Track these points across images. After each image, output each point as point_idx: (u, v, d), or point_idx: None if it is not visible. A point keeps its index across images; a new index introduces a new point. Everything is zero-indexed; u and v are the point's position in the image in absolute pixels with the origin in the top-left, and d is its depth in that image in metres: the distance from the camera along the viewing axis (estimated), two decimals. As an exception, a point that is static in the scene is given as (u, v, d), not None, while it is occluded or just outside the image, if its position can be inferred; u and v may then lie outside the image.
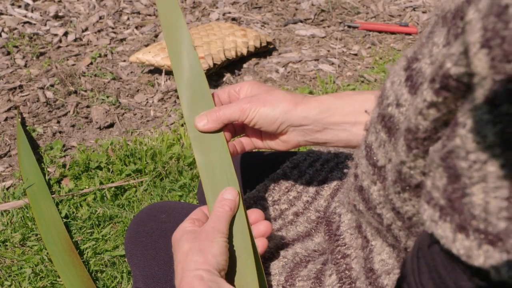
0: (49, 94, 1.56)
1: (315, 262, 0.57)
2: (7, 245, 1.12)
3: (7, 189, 1.27)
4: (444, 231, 0.28)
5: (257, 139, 0.62)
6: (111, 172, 1.31)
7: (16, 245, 1.12)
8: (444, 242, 0.28)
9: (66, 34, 1.86)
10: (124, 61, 1.77)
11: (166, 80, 1.68)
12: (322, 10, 2.15)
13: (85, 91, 1.60)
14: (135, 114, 1.56)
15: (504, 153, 0.25)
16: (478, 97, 0.26)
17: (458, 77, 0.28)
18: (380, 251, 0.48)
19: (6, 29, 1.83)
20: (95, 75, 1.68)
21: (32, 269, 1.07)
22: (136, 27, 1.96)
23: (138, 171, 1.31)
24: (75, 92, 1.59)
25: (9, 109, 1.50)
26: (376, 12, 2.17)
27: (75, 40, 1.84)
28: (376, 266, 0.47)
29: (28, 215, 1.18)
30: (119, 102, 1.58)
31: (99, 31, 1.90)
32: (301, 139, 0.57)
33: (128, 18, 2.00)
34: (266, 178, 0.72)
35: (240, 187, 0.55)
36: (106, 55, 1.78)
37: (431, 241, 0.31)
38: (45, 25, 1.89)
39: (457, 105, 0.29)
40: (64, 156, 1.37)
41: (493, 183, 0.26)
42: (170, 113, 1.56)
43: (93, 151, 1.38)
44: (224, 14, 2.07)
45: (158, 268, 0.64)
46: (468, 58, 0.26)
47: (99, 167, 1.32)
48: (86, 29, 1.90)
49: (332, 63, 1.85)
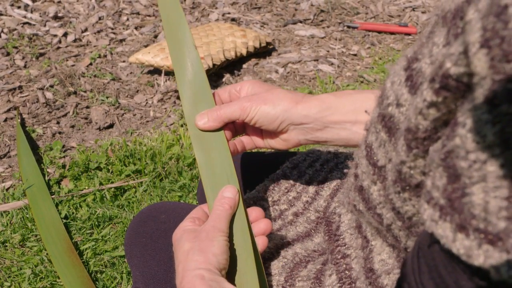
0: (49, 94, 1.56)
1: (315, 262, 0.57)
2: (6, 246, 1.12)
3: (7, 190, 1.27)
4: (444, 231, 0.28)
5: (257, 138, 0.61)
6: (111, 173, 1.31)
7: (16, 246, 1.12)
8: (444, 242, 0.28)
9: (65, 34, 1.86)
10: (124, 61, 1.77)
11: (166, 80, 1.68)
12: (322, 11, 2.15)
13: (85, 91, 1.60)
14: (134, 115, 1.56)
15: (504, 152, 0.25)
16: (477, 97, 0.26)
17: (457, 77, 0.28)
18: (380, 251, 0.48)
19: (5, 30, 1.83)
20: (95, 76, 1.68)
21: (32, 270, 1.07)
22: (136, 28, 1.96)
23: (138, 171, 1.31)
24: (75, 92, 1.59)
25: (8, 110, 1.50)
26: (376, 13, 2.17)
27: (75, 40, 1.84)
28: (376, 266, 0.47)
29: (27, 215, 1.18)
30: (119, 103, 1.58)
31: (98, 32, 1.90)
32: (301, 138, 0.57)
33: (128, 19, 2.00)
34: (266, 178, 0.72)
35: (240, 186, 0.55)
36: (105, 56, 1.78)
37: (431, 240, 0.31)
38: (45, 25, 1.89)
39: (457, 105, 0.29)
40: (64, 157, 1.37)
41: (493, 183, 0.26)
42: (170, 114, 1.56)
43: (93, 151, 1.38)
44: (223, 15, 2.07)
45: (158, 269, 0.64)
46: (468, 58, 0.26)
47: (98, 168, 1.32)
48: (86, 30, 1.90)
49: (332, 64, 1.85)
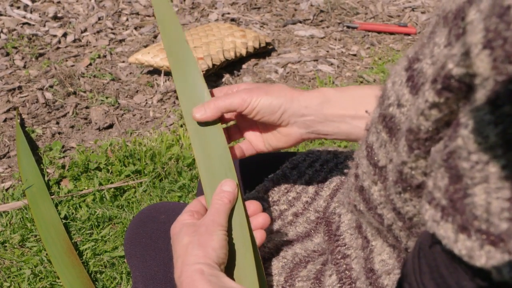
0: (48, 95, 1.56)
1: (315, 262, 0.57)
2: (6, 246, 1.12)
3: (6, 190, 1.27)
4: (446, 232, 0.28)
5: (257, 140, 0.61)
6: (110, 173, 1.31)
7: (15, 246, 1.12)
8: (446, 243, 0.28)
9: (65, 35, 1.86)
10: (123, 62, 1.77)
11: (165, 80, 1.68)
12: (321, 11, 2.15)
13: (84, 92, 1.60)
14: (134, 115, 1.56)
15: (506, 154, 0.25)
16: (480, 98, 0.26)
17: (460, 78, 0.28)
18: (380, 251, 0.48)
19: (5, 30, 1.83)
20: (94, 76, 1.67)
21: (32, 270, 1.07)
22: (135, 28, 1.96)
23: (138, 172, 1.31)
24: (74, 93, 1.59)
25: (8, 110, 1.50)
26: (375, 13, 2.18)
27: (74, 41, 1.84)
28: (376, 266, 0.47)
29: (27, 216, 1.18)
30: (118, 103, 1.58)
31: (98, 32, 1.90)
32: (303, 131, 0.57)
33: (127, 19, 2.00)
34: (266, 179, 0.72)
35: (239, 181, 0.55)
36: (105, 56, 1.78)
37: (432, 241, 0.31)
38: (44, 26, 1.89)
39: (459, 106, 0.29)
40: (63, 157, 1.37)
41: (495, 184, 0.26)
42: (169, 114, 1.56)
43: (92, 152, 1.38)
44: (223, 15, 2.07)
45: (157, 269, 0.64)
46: (470, 59, 0.26)
47: (98, 168, 1.31)
48: (85, 30, 1.90)
49: (331, 64, 1.85)
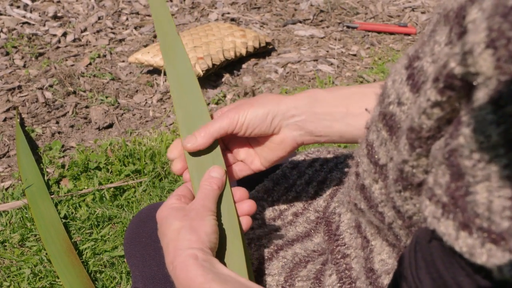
0: (48, 94, 1.56)
1: (315, 262, 0.57)
2: (6, 246, 1.12)
3: (6, 189, 1.27)
4: (446, 228, 0.28)
5: (253, 158, 0.60)
6: (110, 173, 1.31)
7: (15, 246, 1.12)
8: (447, 239, 0.28)
9: (65, 34, 1.86)
10: (123, 61, 1.77)
11: (165, 80, 1.68)
12: (321, 11, 2.15)
13: (84, 91, 1.60)
14: (134, 115, 1.56)
15: (508, 153, 0.25)
16: (482, 97, 0.26)
17: (462, 77, 0.28)
18: (380, 251, 0.48)
19: (5, 30, 1.83)
20: (94, 76, 1.67)
21: (31, 270, 1.07)
22: (135, 28, 1.96)
23: (137, 171, 1.31)
24: (74, 92, 1.59)
25: (8, 110, 1.50)
26: (375, 13, 2.18)
27: (74, 40, 1.84)
28: (376, 266, 0.47)
29: (27, 215, 1.18)
30: (118, 103, 1.58)
31: (98, 32, 1.90)
32: (295, 134, 0.55)
33: (127, 19, 1.99)
34: (266, 178, 0.72)
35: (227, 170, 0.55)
36: (105, 56, 1.78)
37: (431, 237, 0.31)
38: (44, 25, 1.89)
39: (461, 103, 0.29)
40: (63, 157, 1.37)
41: (497, 183, 0.26)
42: (169, 114, 1.56)
43: (92, 151, 1.38)
44: (223, 15, 2.07)
45: (157, 269, 0.64)
46: (473, 58, 0.26)
47: (98, 168, 1.31)
48: (85, 30, 1.90)
49: (331, 64, 1.85)
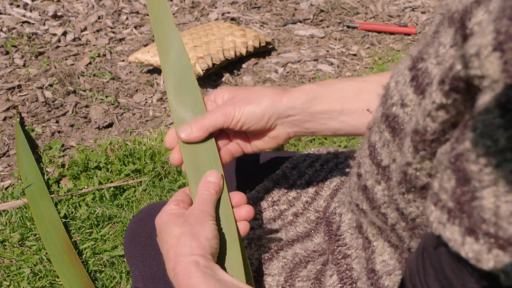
0: (48, 93, 1.56)
1: (315, 262, 0.57)
2: (5, 245, 1.12)
3: (6, 189, 1.27)
4: (452, 234, 0.28)
5: (244, 142, 0.59)
6: (110, 172, 1.31)
7: (15, 245, 1.12)
8: (452, 245, 0.28)
9: (65, 33, 1.86)
10: (123, 61, 1.77)
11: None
12: (321, 10, 2.15)
13: (84, 91, 1.60)
14: (134, 114, 1.56)
15: None
16: (489, 100, 0.26)
17: (468, 79, 0.27)
18: (381, 251, 0.47)
19: (4, 29, 1.83)
20: (94, 75, 1.67)
21: (31, 269, 1.07)
22: (135, 27, 1.95)
23: (137, 171, 1.31)
24: (74, 92, 1.59)
25: (7, 109, 1.50)
26: (375, 13, 2.17)
27: (74, 39, 1.84)
28: (377, 267, 0.47)
29: (27, 215, 1.18)
30: (118, 102, 1.58)
31: (98, 31, 1.89)
32: (290, 131, 0.56)
33: (127, 18, 1.99)
34: (266, 178, 0.72)
35: (224, 175, 0.55)
36: (105, 55, 1.78)
37: (437, 242, 0.31)
38: (44, 24, 1.89)
39: (466, 106, 0.29)
40: (63, 156, 1.37)
41: (504, 187, 0.25)
42: (169, 113, 1.56)
43: (92, 151, 1.38)
44: (223, 14, 2.07)
45: (157, 268, 0.64)
46: (479, 61, 0.26)
47: (98, 167, 1.31)
48: (85, 29, 1.90)
49: (331, 63, 1.85)
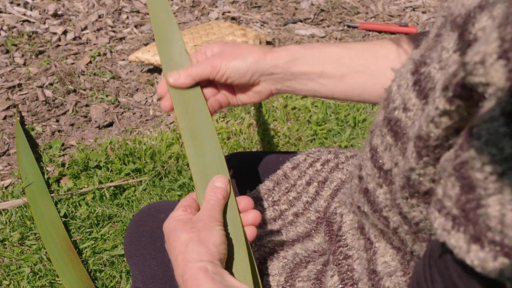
0: (48, 92, 1.56)
1: (315, 262, 0.57)
2: (5, 244, 1.12)
3: (6, 188, 1.27)
4: (457, 241, 0.27)
5: (231, 95, 0.64)
6: (110, 171, 1.31)
7: (15, 244, 1.12)
8: (458, 252, 0.28)
9: (65, 32, 1.86)
10: (124, 60, 1.77)
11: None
12: (322, 10, 2.15)
13: (84, 90, 1.60)
14: (134, 113, 1.55)
15: None
16: (494, 108, 0.25)
17: (472, 87, 0.27)
18: (383, 253, 0.47)
19: (5, 28, 1.83)
20: (94, 74, 1.67)
21: (31, 268, 1.07)
22: (136, 26, 1.95)
23: (137, 170, 1.31)
24: (74, 91, 1.59)
25: (8, 108, 1.50)
26: (376, 12, 2.17)
27: (74, 38, 1.84)
28: (379, 268, 0.47)
29: (27, 214, 1.18)
30: (118, 101, 1.58)
31: (98, 30, 1.89)
32: (272, 88, 0.61)
33: (128, 17, 1.99)
34: (266, 178, 0.72)
35: (231, 180, 0.55)
36: (105, 54, 1.78)
37: (442, 250, 0.31)
38: (44, 23, 1.89)
39: (470, 113, 0.29)
40: (63, 155, 1.37)
41: (510, 195, 0.25)
42: (170, 112, 1.56)
43: (92, 150, 1.37)
44: (223, 14, 2.07)
45: (157, 268, 0.64)
46: (484, 68, 0.26)
47: (98, 166, 1.31)
48: (85, 28, 1.89)
49: (332, 63, 1.85)
